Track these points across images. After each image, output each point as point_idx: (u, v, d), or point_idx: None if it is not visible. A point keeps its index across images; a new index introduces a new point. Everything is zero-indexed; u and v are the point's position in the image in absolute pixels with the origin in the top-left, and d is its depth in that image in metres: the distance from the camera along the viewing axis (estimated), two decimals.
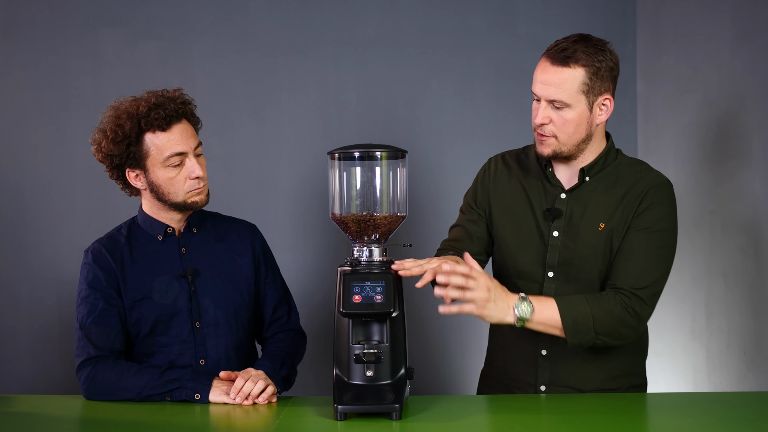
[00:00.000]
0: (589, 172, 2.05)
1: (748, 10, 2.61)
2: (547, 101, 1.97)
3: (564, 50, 1.94)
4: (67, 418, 1.92)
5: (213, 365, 2.12)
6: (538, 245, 2.06)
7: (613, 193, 2.03)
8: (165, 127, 2.07)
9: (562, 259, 2.03)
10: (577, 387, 2.06)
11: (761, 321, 2.53)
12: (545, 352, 2.07)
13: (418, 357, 3.06)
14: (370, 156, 1.93)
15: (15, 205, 3.21)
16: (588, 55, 1.94)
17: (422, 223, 3.29)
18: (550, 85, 1.95)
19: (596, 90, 1.96)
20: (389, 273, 1.85)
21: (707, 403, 1.99)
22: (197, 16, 3.26)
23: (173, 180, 2.09)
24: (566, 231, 2.04)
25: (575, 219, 2.04)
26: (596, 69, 1.94)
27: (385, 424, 1.76)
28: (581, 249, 2.02)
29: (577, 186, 2.05)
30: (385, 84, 3.30)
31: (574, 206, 2.05)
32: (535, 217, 2.08)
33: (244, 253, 2.23)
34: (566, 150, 2.01)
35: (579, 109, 1.96)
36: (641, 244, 1.98)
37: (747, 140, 2.61)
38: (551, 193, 2.08)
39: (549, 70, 1.96)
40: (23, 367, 3.21)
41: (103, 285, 2.09)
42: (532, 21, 3.32)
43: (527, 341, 2.08)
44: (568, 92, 1.94)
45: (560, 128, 1.98)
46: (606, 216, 2.01)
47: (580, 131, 1.99)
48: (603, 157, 2.05)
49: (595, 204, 2.03)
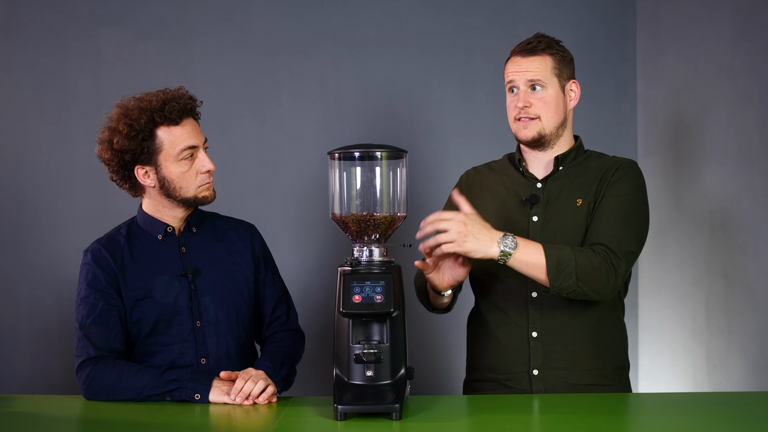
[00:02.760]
0: (563, 161, 2.16)
1: (748, 10, 2.61)
2: (526, 83, 2.12)
3: (529, 44, 2.14)
4: (67, 418, 1.92)
5: (214, 364, 2.12)
6: (518, 233, 2.08)
7: (587, 175, 2.15)
8: (178, 120, 2.09)
9: (544, 238, 2.09)
10: (567, 367, 2.08)
11: (761, 321, 2.53)
12: (536, 334, 2.10)
13: (418, 357, 3.06)
14: (370, 156, 1.94)
15: (15, 205, 3.21)
16: (550, 46, 2.14)
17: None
18: (526, 69, 2.13)
19: (564, 75, 2.14)
20: (389, 273, 1.85)
21: (707, 403, 1.99)
22: (197, 16, 3.26)
23: (185, 174, 2.10)
24: (545, 214, 2.13)
25: (552, 201, 2.14)
26: (560, 57, 2.14)
27: (385, 424, 1.76)
28: (562, 227, 2.10)
29: (552, 174, 2.16)
30: (385, 84, 3.30)
31: (550, 191, 2.15)
32: (514, 208, 2.16)
33: (244, 253, 2.23)
34: (548, 131, 2.13)
35: (554, 89, 2.13)
36: (614, 209, 2.08)
37: (747, 140, 2.61)
38: (526, 185, 2.18)
39: (521, 61, 2.14)
40: (23, 367, 3.21)
41: (102, 285, 2.09)
42: (532, 21, 3.32)
43: (516, 327, 2.11)
44: (543, 73, 2.12)
45: (542, 108, 2.12)
46: (582, 193, 2.12)
47: (559, 112, 2.14)
48: (576, 149, 2.19)
49: (570, 185, 2.14)
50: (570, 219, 2.11)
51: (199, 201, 2.15)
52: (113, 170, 2.13)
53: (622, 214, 2.07)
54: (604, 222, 2.06)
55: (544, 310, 2.09)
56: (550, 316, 2.09)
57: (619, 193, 2.09)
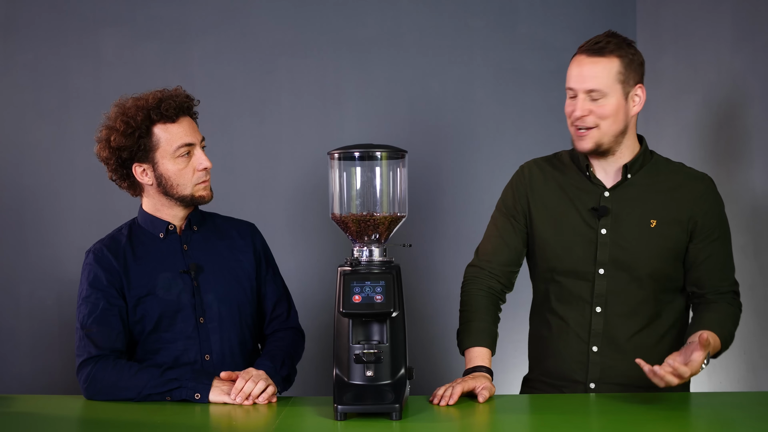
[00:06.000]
0: (631, 169, 2.08)
1: (748, 10, 2.61)
2: (585, 92, 2.02)
3: (597, 43, 2.02)
4: (67, 418, 1.92)
5: (218, 361, 2.13)
6: (585, 244, 2.07)
7: (659, 189, 2.08)
8: (174, 118, 2.10)
9: (614, 256, 2.05)
10: (625, 383, 2.06)
11: (761, 321, 2.53)
12: (596, 349, 2.08)
13: (418, 357, 3.06)
14: (370, 156, 1.94)
15: (15, 205, 3.21)
16: (620, 48, 2.02)
17: (422, 223, 3.29)
18: (587, 76, 2.01)
19: (630, 80, 2.02)
20: (389, 273, 1.85)
21: (707, 403, 1.99)
22: (197, 16, 3.26)
23: (182, 172, 2.11)
24: (614, 228, 2.06)
25: (623, 216, 2.07)
26: (629, 60, 2.02)
27: (385, 424, 1.76)
28: (634, 246, 2.05)
29: (620, 183, 2.08)
30: (385, 84, 3.30)
31: (619, 203, 2.08)
32: (581, 216, 2.09)
33: (245, 250, 2.23)
34: (606, 141, 2.05)
35: (616, 97, 2.01)
36: (720, 250, 2.09)
37: (747, 140, 2.61)
38: (594, 192, 2.10)
39: (585, 62, 2.02)
40: (23, 367, 3.21)
41: (104, 285, 2.09)
42: (532, 21, 3.32)
43: (577, 339, 2.09)
44: (605, 81, 2.00)
45: (601, 118, 2.02)
46: (656, 213, 2.06)
47: (619, 121, 2.03)
48: (642, 154, 2.09)
49: (642, 201, 2.07)
50: (643, 240, 2.05)
51: (196, 200, 2.15)
52: (112, 169, 2.14)
53: (728, 251, 2.11)
54: (718, 267, 2.08)
55: (607, 325, 2.06)
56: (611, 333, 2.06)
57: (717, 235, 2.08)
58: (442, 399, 1.90)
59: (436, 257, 3.32)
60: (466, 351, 2.08)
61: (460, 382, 1.95)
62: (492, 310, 2.13)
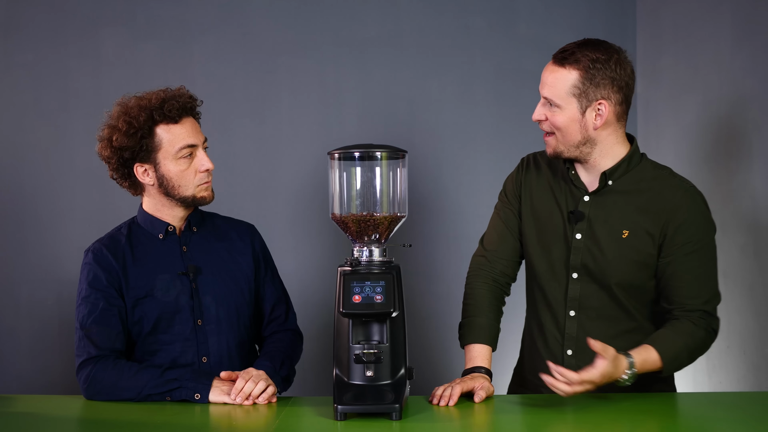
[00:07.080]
0: (611, 176, 2.03)
1: (748, 10, 2.61)
2: (544, 98, 2.00)
3: (565, 51, 1.97)
4: (67, 418, 1.92)
5: (215, 363, 2.12)
6: (561, 247, 2.06)
7: (637, 200, 2.02)
8: (177, 119, 2.09)
9: (585, 262, 2.04)
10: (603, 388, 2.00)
11: (761, 321, 2.53)
12: (570, 352, 2.07)
13: (418, 357, 3.06)
14: (370, 156, 1.94)
15: (15, 205, 3.21)
16: (588, 60, 1.94)
17: (422, 223, 3.29)
18: (545, 83, 1.99)
19: (590, 95, 1.94)
20: (389, 273, 1.85)
21: (707, 403, 1.99)
22: (197, 16, 3.26)
23: (184, 173, 2.10)
24: (588, 234, 2.04)
25: (598, 223, 2.03)
26: (591, 75, 1.93)
27: (385, 424, 1.76)
28: (604, 254, 2.02)
29: (600, 189, 2.04)
30: (385, 84, 3.31)
31: (596, 210, 2.04)
32: (562, 217, 2.08)
33: (244, 252, 2.23)
34: (564, 150, 2.01)
35: (569, 111, 1.96)
36: (693, 265, 1.98)
37: (747, 140, 2.61)
38: (575, 195, 2.07)
39: (548, 68, 1.99)
40: (23, 367, 3.21)
41: (103, 285, 2.09)
42: (532, 21, 3.32)
43: (554, 341, 2.09)
44: (557, 92, 1.96)
45: (554, 126, 2.00)
46: (629, 223, 2.01)
47: (572, 133, 1.98)
48: (626, 161, 2.02)
49: (618, 210, 2.02)
50: (613, 250, 2.00)
51: (197, 201, 2.15)
52: (113, 168, 2.14)
53: (704, 267, 1.99)
54: (690, 284, 1.98)
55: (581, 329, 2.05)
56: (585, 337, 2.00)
57: (693, 249, 1.97)
58: (441, 399, 1.90)
59: (436, 257, 3.32)
60: (467, 347, 2.08)
61: (459, 382, 1.95)
62: (495, 305, 2.13)
